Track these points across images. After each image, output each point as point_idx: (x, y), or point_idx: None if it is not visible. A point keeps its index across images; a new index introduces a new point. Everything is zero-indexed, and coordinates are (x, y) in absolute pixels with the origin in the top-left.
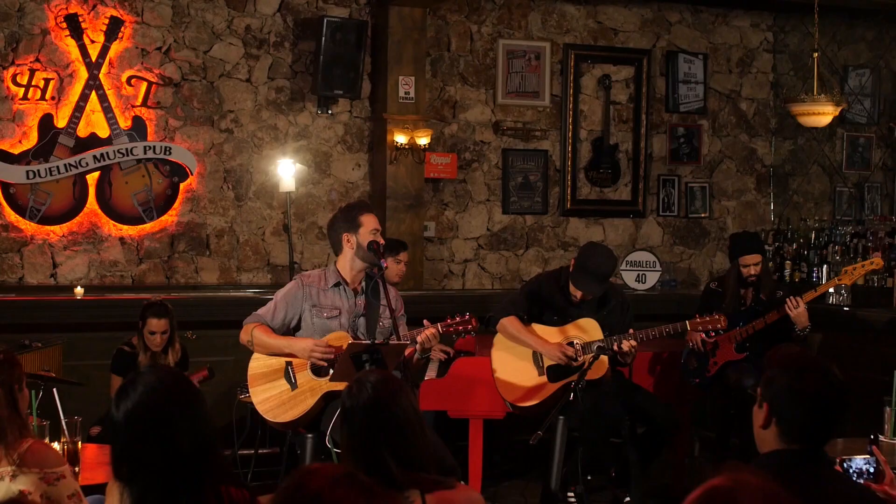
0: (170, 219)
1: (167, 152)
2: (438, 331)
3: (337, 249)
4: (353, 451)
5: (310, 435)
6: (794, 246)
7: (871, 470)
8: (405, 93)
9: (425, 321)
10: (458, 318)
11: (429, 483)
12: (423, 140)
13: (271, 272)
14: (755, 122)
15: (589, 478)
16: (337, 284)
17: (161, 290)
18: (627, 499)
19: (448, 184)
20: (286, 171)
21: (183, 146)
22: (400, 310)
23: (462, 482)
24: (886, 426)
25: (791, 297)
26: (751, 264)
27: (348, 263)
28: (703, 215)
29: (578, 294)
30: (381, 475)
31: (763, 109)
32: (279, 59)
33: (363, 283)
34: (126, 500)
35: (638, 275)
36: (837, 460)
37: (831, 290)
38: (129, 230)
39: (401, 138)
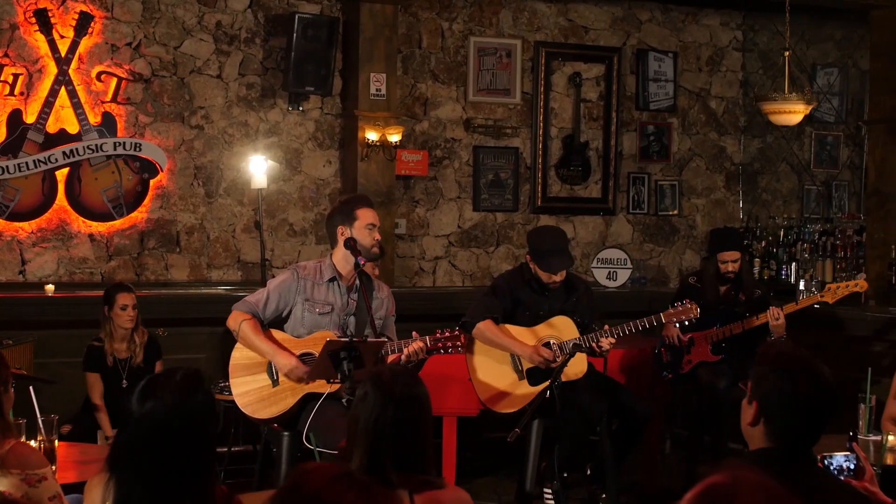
0: (140, 215)
1: (137, 148)
2: (427, 345)
3: (333, 242)
4: (353, 440)
5: (286, 433)
6: (763, 244)
7: (852, 467)
8: (376, 90)
9: (414, 333)
10: (447, 333)
11: (418, 483)
12: (395, 137)
13: (241, 269)
14: (724, 120)
15: (566, 475)
16: (332, 279)
17: None
18: (604, 495)
19: (419, 181)
20: (258, 167)
21: (153, 142)
22: (391, 310)
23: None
24: (861, 423)
25: (773, 308)
26: (729, 261)
27: (343, 258)
28: (672, 213)
29: (555, 277)
30: (379, 473)
31: (732, 108)
32: (250, 55)
33: (357, 281)
34: (110, 495)
35: (609, 272)
36: (818, 457)
37: (801, 286)
38: (98, 227)
39: (372, 135)
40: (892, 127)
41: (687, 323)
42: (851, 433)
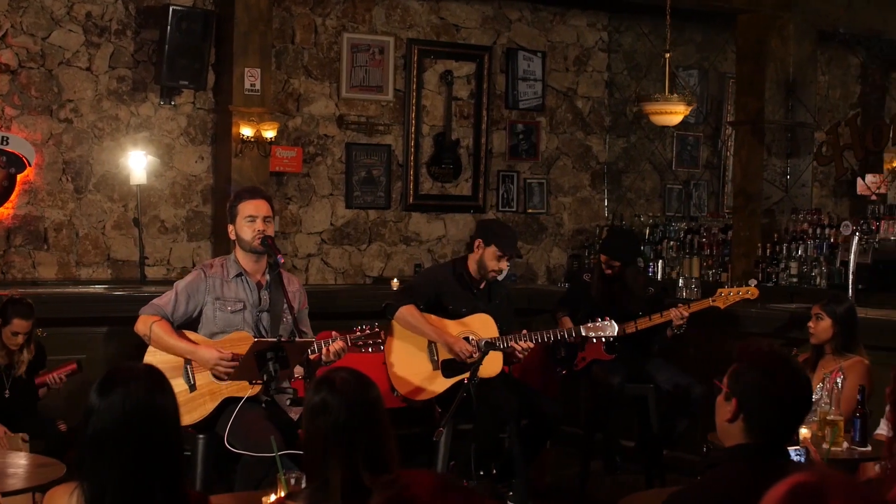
0: (5, 212)
1: (4, 142)
2: (347, 343)
3: (232, 241)
4: (323, 450)
5: (201, 436)
6: None
7: (803, 461)
8: (251, 85)
9: (334, 332)
10: (367, 331)
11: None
12: (270, 133)
13: (112, 267)
14: (590, 119)
15: (482, 472)
16: (238, 275)
17: None
18: (510, 493)
19: (292, 178)
20: (137, 163)
21: (20, 136)
22: (303, 304)
23: None
24: None
25: (679, 307)
26: (607, 265)
27: (242, 255)
28: (540, 211)
29: (502, 265)
30: (351, 479)
31: (598, 108)
32: (121, 47)
33: (267, 276)
34: (80, 498)
35: None
36: None
37: (681, 283)
38: None
39: (247, 131)
40: (757, 128)
41: (605, 340)
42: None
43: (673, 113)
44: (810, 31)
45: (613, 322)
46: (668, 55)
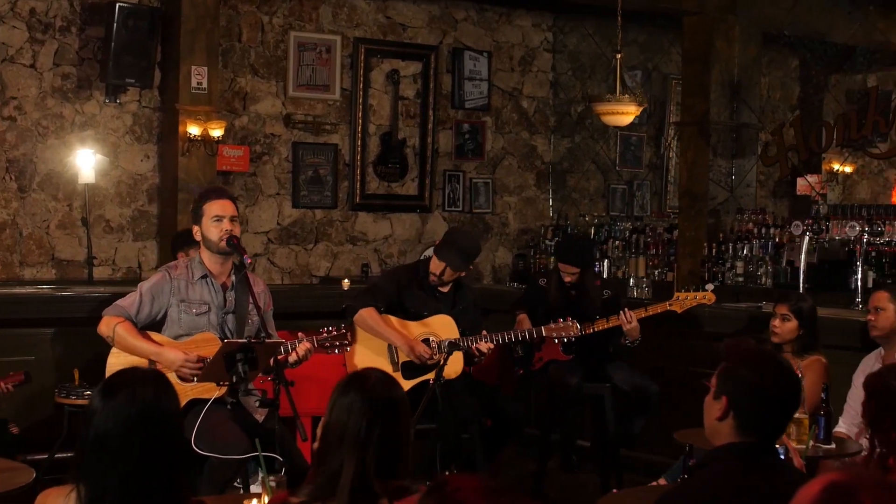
0: None
1: None
2: (314, 345)
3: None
4: (340, 447)
5: None
6: None
7: (782, 457)
8: (198, 83)
9: (300, 333)
10: (333, 332)
11: (395, 490)
12: (217, 132)
13: (56, 267)
14: (535, 119)
15: (447, 473)
16: (203, 277)
17: None
18: None
19: (238, 177)
20: (85, 161)
21: None
22: (269, 305)
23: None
24: None
25: (624, 311)
26: (567, 272)
27: (207, 256)
28: (486, 211)
29: (438, 270)
30: (362, 480)
31: (543, 108)
32: (66, 44)
33: (233, 278)
34: (76, 501)
35: None
36: None
37: (632, 283)
38: None
39: (194, 130)
40: (703, 129)
41: (567, 340)
42: None
43: (624, 113)
44: (755, 34)
45: (576, 322)
46: (619, 56)
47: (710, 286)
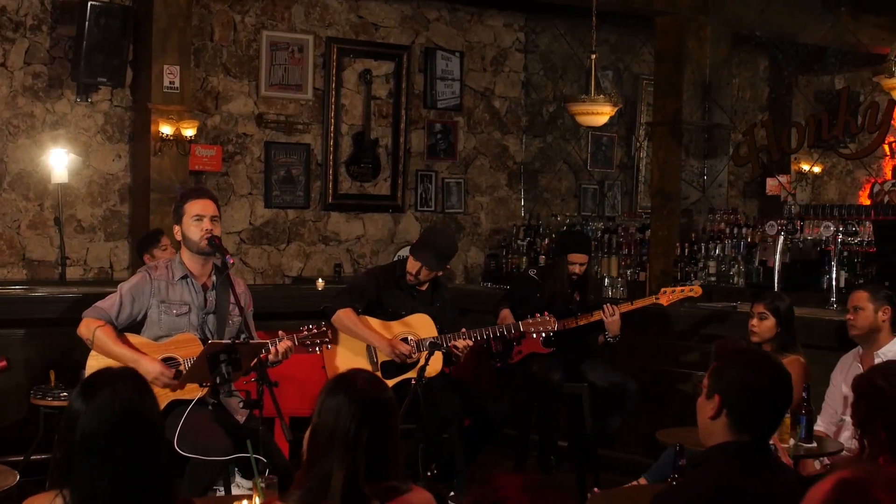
0: None
1: None
2: (294, 343)
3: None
4: (329, 450)
5: None
6: (547, 241)
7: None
8: (170, 82)
9: (280, 332)
10: (314, 330)
11: (385, 490)
12: (190, 132)
13: (27, 267)
14: (507, 119)
15: (429, 473)
16: (184, 277)
17: None
18: (452, 493)
19: (211, 177)
20: (58, 161)
21: None
22: (249, 305)
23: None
24: None
25: (607, 305)
26: (577, 263)
27: (188, 257)
28: (458, 211)
29: (414, 269)
30: (352, 482)
31: (514, 108)
32: (36, 43)
33: (213, 278)
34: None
35: None
36: None
37: (607, 283)
38: None
39: (166, 129)
40: (675, 129)
41: (544, 335)
42: None
43: (599, 114)
44: (726, 34)
45: (553, 317)
46: (594, 56)
47: (697, 280)
